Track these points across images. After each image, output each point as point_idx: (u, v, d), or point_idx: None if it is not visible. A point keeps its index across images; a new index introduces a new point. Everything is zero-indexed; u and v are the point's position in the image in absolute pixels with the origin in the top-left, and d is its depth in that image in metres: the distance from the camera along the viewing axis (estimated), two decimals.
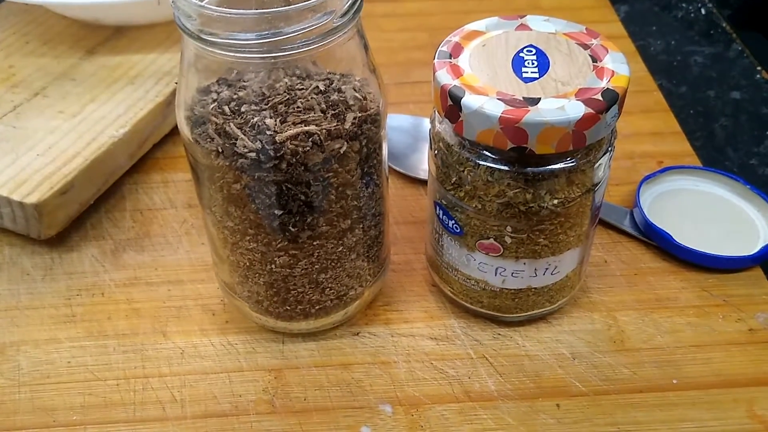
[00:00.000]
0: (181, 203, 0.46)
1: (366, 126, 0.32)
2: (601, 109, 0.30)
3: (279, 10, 0.28)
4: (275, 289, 0.35)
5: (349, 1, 0.29)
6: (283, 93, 0.30)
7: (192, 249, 0.43)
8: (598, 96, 0.30)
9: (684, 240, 0.40)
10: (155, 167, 0.48)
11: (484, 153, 0.32)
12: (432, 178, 0.36)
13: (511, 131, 0.30)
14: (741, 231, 0.42)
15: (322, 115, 0.30)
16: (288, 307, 0.36)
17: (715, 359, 0.36)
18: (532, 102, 0.30)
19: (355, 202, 0.33)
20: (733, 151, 0.50)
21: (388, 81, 0.54)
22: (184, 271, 0.41)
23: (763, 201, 0.43)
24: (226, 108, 0.30)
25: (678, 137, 0.50)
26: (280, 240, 0.33)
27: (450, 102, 0.31)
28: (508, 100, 0.30)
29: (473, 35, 0.34)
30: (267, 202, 0.31)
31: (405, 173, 0.47)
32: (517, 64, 0.32)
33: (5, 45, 0.53)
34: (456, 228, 0.35)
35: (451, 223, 0.35)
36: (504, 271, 0.35)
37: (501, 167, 0.32)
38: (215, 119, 0.30)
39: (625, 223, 0.43)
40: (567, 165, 0.32)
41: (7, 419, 0.35)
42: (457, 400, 0.35)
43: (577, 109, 0.30)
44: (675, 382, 0.35)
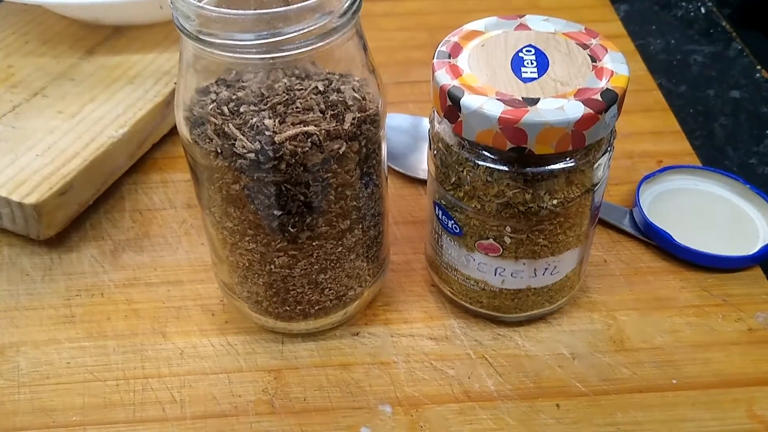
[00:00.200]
0: (181, 203, 0.46)
1: (365, 126, 0.31)
2: (601, 110, 0.30)
3: (278, 10, 0.28)
4: (274, 290, 0.35)
5: (348, 2, 0.29)
6: (282, 93, 0.30)
7: (191, 249, 0.43)
8: (597, 96, 0.30)
9: (683, 240, 0.40)
10: (154, 167, 0.48)
11: (483, 153, 0.32)
12: (431, 178, 0.36)
13: (511, 131, 0.30)
14: (740, 231, 0.42)
15: (321, 116, 0.30)
16: (287, 308, 0.36)
17: (715, 359, 0.36)
18: (531, 102, 0.30)
19: (355, 202, 0.33)
20: (733, 151, 0.49)
21: (387, 80, 0.54)
22: (183, 272, 0.41)
23: (763, 200, 0.43)
24: (225, 108, 0.30)
25: (677, 136, 0.50)
26: (279, 240, 0.33)
27: (449, 102, 0.31)
28: (507, 100, 0.30)
29: (472, 35, 0.34)
30: (266, 202, 0.31)
31: (404, 173, 0.47)
32: (517, 64, 0.32)
33: (4, 45, 0.53)
34: (455, 228, 0.35)
35: (451, 224, 0.35)
36: (503, 272, 0.35)
37: (500, 167, 0.32)
38: (214, 120, 0.30)
39: (625, 223, 0.43)
40: (566, 165, 0.32)
41: (7, 420, 0.35)
42: (457, 400, 0.35)
43: (577, 110, 0.30)
44: (674, 382, 0.35)
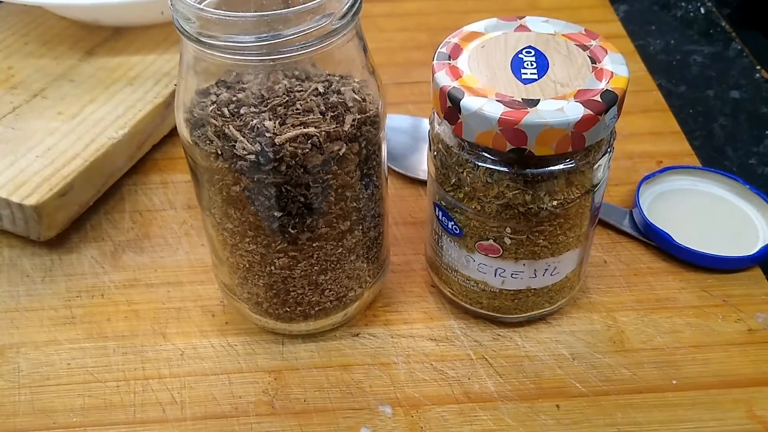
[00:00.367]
0: (181, 204, 0.46)
1: (365, 128, 0.31)
2: (600, 111, 0.30)
3: (278, 12, 0.28)
4: (275, 291, 0.35)
5: (348, 3, 0.29)
6: (282, 95, 0.30)
7: (191, 250, 0.43)
8: (597, 97, 0.30)
9: (683, 240, 0.40)
10: (154, 168, 0.48)
11: (483, 154, 0.32)
12: (431, 179, 0.36)
13: (511, 133, 0.30)
14: (740, 231, 0.42)
15: (321, 117, 0.30)
16: (288, 309, 0.36)
17: (715, 360, 0.36)
18: (531, 103, 0.30)
19: (355, 203, 0.33)
20: (733, 151, 0.50)
21: (387, 81, 0.54)
22: (183, 273, 0.41)
23: (763, 201, 0.43)
24: (225, 110, 0.30)
25: (677, 137, 0.50)
26: (279, 242, 0.33)
27: (449, 103, 0.31)
28: (507, 101, 0.30)
29: (472, 36, 0.34)
30: (266, 204, 0.31)
31: (404, 174, 0.47)
32: (516, 65, 0.32)
33: (4, 46, 0.53)
34: (455, 229, 0.35)
35: (451, 225, 0.35)
36: (503, 272, 0.35)
37: (500, 168, 0.32)
38: (214, 121, 0.30)
39: (625, 224, 0.43)
40: (566, 166, 0.32)
41: (7, 421, 0.35)
42: (457, 401, 0.35)
43: (576, 111, 0.30)
44: (674, 382, 0.35)
